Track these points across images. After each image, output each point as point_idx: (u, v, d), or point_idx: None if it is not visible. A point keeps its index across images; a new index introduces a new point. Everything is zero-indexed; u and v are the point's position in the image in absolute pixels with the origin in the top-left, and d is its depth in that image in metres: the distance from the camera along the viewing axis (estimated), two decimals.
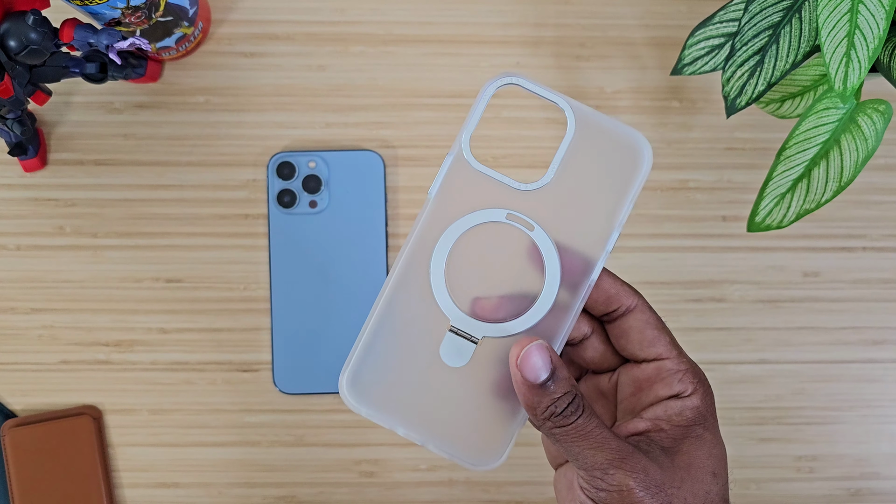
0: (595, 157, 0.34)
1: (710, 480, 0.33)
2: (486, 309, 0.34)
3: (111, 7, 0.47)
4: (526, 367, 0.32)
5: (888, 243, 0.59)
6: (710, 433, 0.34)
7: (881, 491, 0.59)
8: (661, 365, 0.35)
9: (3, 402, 0.58)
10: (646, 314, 0.35)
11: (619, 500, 0.31)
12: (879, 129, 0.43)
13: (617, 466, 0.31)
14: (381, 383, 0.34)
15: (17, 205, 0.58)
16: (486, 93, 0.34)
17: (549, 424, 0.32)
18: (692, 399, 0.34)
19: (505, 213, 0.33)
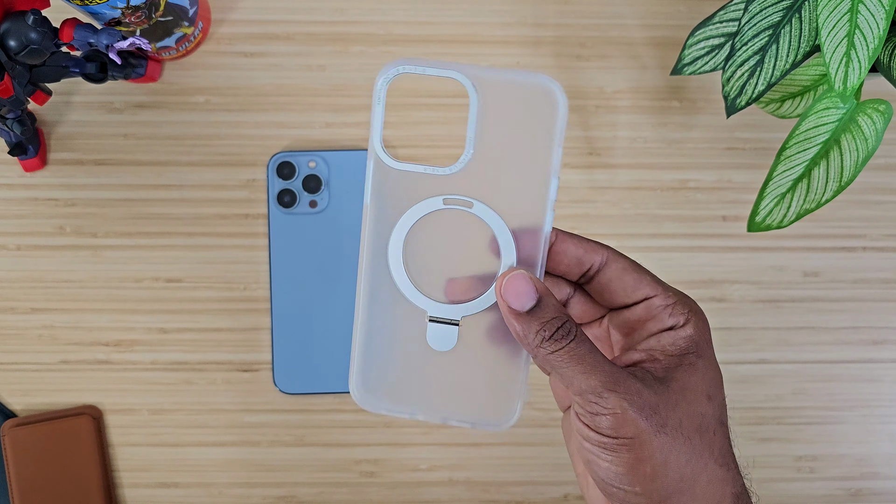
0: (509, 115, 0.34)
1: (704, 402, 0.33)
2: (457, 291, 0.34)
3: (111, 7, 0.47)
4: (510, 295, 0.33)
5: (888, 243, 0.59)
6: (703, 359, 0.34)
7: (881, 491, 0.59)
8: (650, 303, 0.35)
9: (3, 401, 0.58)
10: (620, 262, 0.35)
11: (613, 422, 0.31)
12: (879, 129, 0.43)
13: (610, 389, 0.31)
14: (387, 381, 0.35)
15: (18, 205, 0.58)
16: (379, 92, 0.33)
17: (542, 351, 0.32)
18: (685, 329, 0.34)
19: (441, 199, 0.34)
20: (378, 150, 0.34)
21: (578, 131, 0.59)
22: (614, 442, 0.32)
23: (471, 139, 0.34)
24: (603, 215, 0.58)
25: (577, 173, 0.58)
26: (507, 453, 0.59)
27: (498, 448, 0.59)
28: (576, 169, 0.58)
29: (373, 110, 0.34)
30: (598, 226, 0.58)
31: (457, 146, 0.59)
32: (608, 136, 0.59)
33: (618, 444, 0.32)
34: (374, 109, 0.34)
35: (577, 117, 0.59)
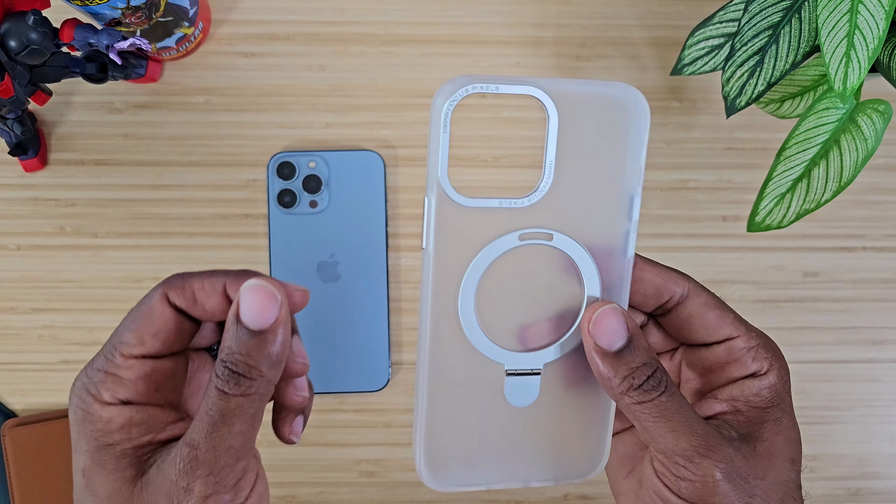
0: (588, 132, 0.30)
1: (788, 468, 0.31)
2: (535, 337, 0.31)
3: (111, 7, 0.47)
4: (599, 332, 0.29)
5: (888, 243, 0.59)
6: (787, 416, 0.32)
7: (881, 491, 0.59)
8: (732, 345, 0.32)
9: (4, 401, 0.58)
10: (702, 297, 0.32)
11: (701, 490, 0.29)
12: (879, 129, 0.43)
13: (703, 455, 0.29)
14: (461, 454, 0.31)
15: (18, 205, 0.58)
16: (444, 118, 0.28)
17: (627, 399, 0.29)
18: (769, 377, 0.32)
19: (517, 234, 0.30)
20: (445, 186, 0.29)
21: None
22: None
23: (550, 164, 0.30)
24: None
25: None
26: None
27: None
28: None
29: (432, 138, 0.28)
30: None
31: (457, 147, 0.59)
32: None
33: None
34: (437, 137, 0.28)
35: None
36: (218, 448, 0.27)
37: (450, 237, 0.29)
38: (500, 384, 0.31)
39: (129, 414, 0.28)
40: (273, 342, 0.28)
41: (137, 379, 0.28)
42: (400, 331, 0.58)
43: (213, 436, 0.27)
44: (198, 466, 0.27)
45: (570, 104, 0.29)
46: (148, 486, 0.27)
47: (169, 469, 0.27)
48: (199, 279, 0.29)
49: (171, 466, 0.27)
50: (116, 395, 0.28)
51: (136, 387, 0.28)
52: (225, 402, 0.27)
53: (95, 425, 0.28)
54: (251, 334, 0.27)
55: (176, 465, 0.27)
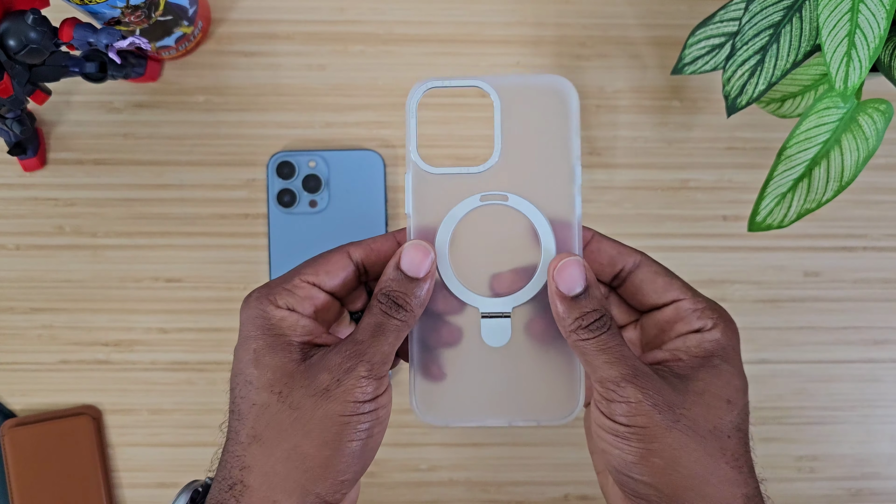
0: (527, 114, 0.37)
1: (723, 407, 0.34)
2: (506, 284, 0.36)
3: (111, 6, 0.47)
4: (562, 278, 0.34)
5: (888, 243, 0.59)
6: (728, 364, 0.35)
7: (882, 491, 0.59)
8: (679, 305, 0.36)
9: (3, 401, 0.58)
10: (652, 266, 0.36)
11: (627, 410, 0.32)
12: (880, 129, 0.43)
13: (629, 380, 0.33)
14: (449, 391, 0.36)
15: (17, 204, 0.58)
16: (410, 107, 0.38)
17: (575, 336, 0.34)
18: (713, 332, 0.35)
19: (478, 196, 0.36)
20: (416, 159, 0.37)
21: None
22: (626, 430, 0.33)
23: (498, 139, 0.37)
24: (603, 215, 0.58)
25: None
26: (507, 453, 0.59)
27: (498, 448, 0.59)
28: None
29: (407, 125, 0.38)
30: (599, 226, 0.58)
31: (457, 146, 0.59)
32: (608, 136, 0.59)
33: (629, 433, 0.32)
34: (409, 124, 0.38)
35: None
36: (375, 348, 0.34)
37: (424, 200, 0.37)
38: (478, 326, 0.36)
39: (295, 318, 0.35)
40: (422, 287, 0.35)
41: (305, 298, 0.35)
42: None
43: (374, 339, 0.34)
44: (360, 355, 0.33)
45: (510, 92, 0.37)
46: (311, 366, 0.34)
47: (333, 355, 0.34)
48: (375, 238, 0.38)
49: (335, 354, 0.34)
50: (288, 304, 0.35)
51: (304, 304, 0.35)
52: (386, 320, 0.34)
53: (269, 321, 0.35)
54: (409, 279, 0.35)
55: (341, 352, 0.34)
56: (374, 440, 0.35)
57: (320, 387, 0.33)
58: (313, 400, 0.33)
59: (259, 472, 0.33)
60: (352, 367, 0.33)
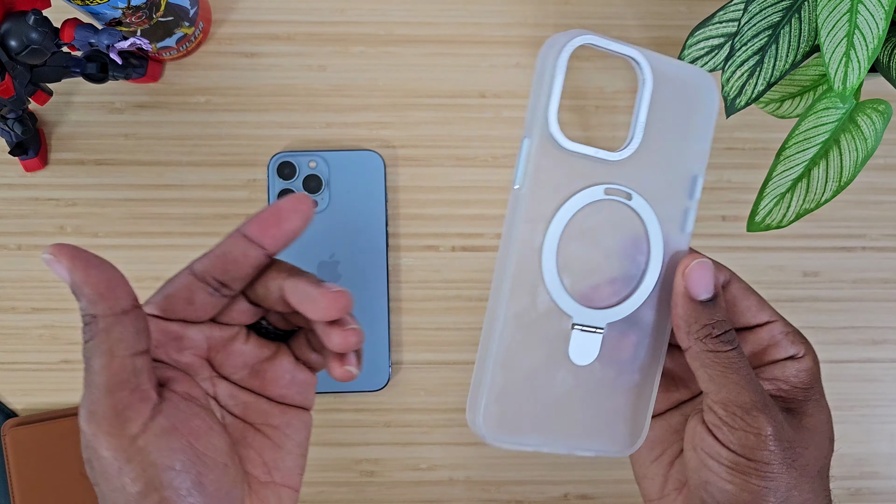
0: (672, 107, 0.32)
1: (827, 447, 0.33)
2: (601, 295, 0.32)
3: (112, 7, 0.47)
4: (692, 279, 0.31)
5: (888, 243, 0.59)
6: (823, 398, 0.34)
7: (881, 490, 0.59)
8: (773, 328, 0.34)
9: (4, 401, 0.58)
10: (741, 283, 0.35)
11: (753, 443, 0.30)
12: (879, 129, 0.43)
13: (760, 410, 0.30)
14: (516, 408, 0.31)
15: (18, 204, 0.58)
16: (560, 60, 0.29)
17: (701, 345, 0.31)
18: (805, 360, 0.34)
19: (603, 188, 0.31)
20: (553, 127, 0.29)
21: (578, 131, 0.59)
22: (747, 464, 0.30)
23: (641, 125, 0.31)
24: None
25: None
26: (507, 452, 0.59)
27: None
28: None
29: (544, 83, 0.30)
30: None
31: (458, 147, 0.59)
32: (608, 137, 0.59)
33: (750, 467, 0.30)
34: (550, 81, 0.29)
35: (576, 117, 0.59)
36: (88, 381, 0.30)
37: (544, 179, 0.30)
38: (566, 338, 0.31)
39: None
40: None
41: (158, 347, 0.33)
42: (400, 331, 0.58)
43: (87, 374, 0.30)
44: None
45: (663, 77, 0.31)
46: None
47: None
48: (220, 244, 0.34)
49: None
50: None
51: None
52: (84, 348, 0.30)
53: None
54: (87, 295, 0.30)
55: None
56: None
57: None
58: None
59: None
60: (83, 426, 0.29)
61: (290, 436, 0.34)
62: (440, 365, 0.58)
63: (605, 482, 0.59)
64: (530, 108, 0.30)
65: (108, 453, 0.29)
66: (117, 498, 0.29)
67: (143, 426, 0.29)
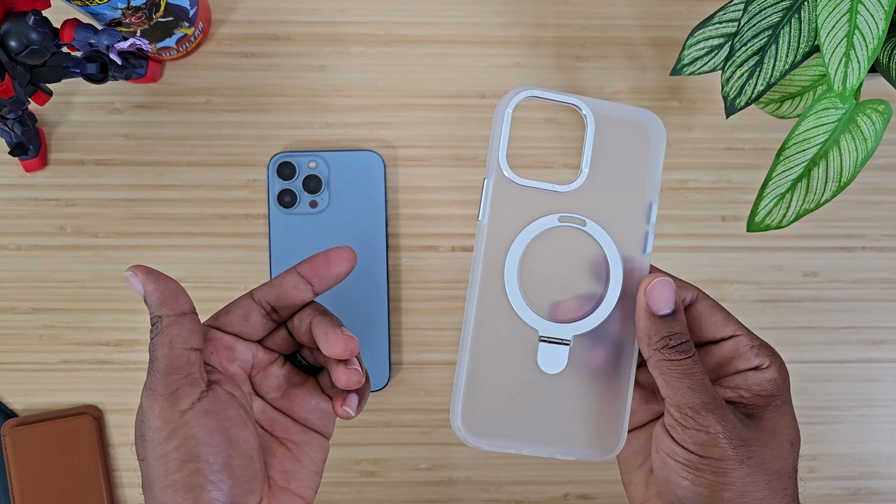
0: (617, 145, 0.36)
1: (787, 447, 0.35)
2: (566, 311, 0.36)
3: (112, 7, 0.47)
4: (653, 297, 0.34)
5: (887, 243, 0.59)
6: (787, 406, 0.36)
7: (881, 490, 0.59)
8: (738, 341, 0.36)
9: (4, 401, 0.58)
10: (708, 300, 0.37)
11: (704, 440, 0.33)
12: (879, 130, 0.43)
13: (710, 410, 0.33)
14: (493, 413, 0.35)
15: (18, 205, 0.58)
16: (507, 112, 0.35)
17: (658, 355, 0.34)
18: (770, 371, 0.36)
19: (557, 216, 0.35)
20: (504, 167, 0.35)
21: (578, 131, 0.59)
22: (700, 460, 0.33)
23: (587, 160, 0.36)
24: None
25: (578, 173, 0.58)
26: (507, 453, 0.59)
27: None
28: (576, 169, 0.58)
29: (496, 130, 0.35)
30: None
31: (457, 147, 0.59)
32: None
33: (703, 463, 0.33)
34: (500, 128, 0.35)
35: (577, 117, 0.59)
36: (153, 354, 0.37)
37: (502, 212, 0.35)
38: (534, 349, 0.35)
39: None
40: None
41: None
42: (400, 331, 0.58)
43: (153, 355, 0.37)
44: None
45: (604, 118, 0.36)
46: None
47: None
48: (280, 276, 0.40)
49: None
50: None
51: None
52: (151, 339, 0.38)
53: None
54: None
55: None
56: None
57: None
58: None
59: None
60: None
61: (308, 454, 0.39)
62: (440, 365, 0.58)
63: (605, 482, 0.59)
64: (489, 153, 0.35)
65: (158, 423, 0.34)
66: (158, 466, 0.34)
67: (191, 404, 0.35)
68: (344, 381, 0.37)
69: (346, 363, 0.37)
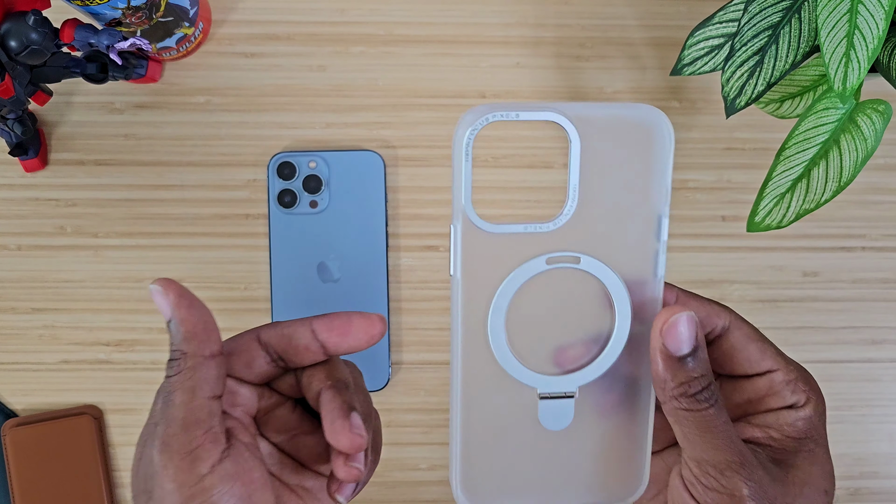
0: (612, 155, 0.30)
1: (822, 500, 0.31)
2: (568, 360, 0.31)
3: (112, 7, 0.47)
4: (670, 336, 0.30)
5: (887, 243, 0.59)
6: (822, 449, 0.32)
7: (880, 490, 0.59)
8: (773, 378, 0.33)
9: (4, 401, 0.58)
10: (743, 329, 0.33)
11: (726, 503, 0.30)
12: (879, 129, 0.43)
13: (735, 470, 0.29)
14: (497, 475, 0.31)
15: (18, 205, 0.58)
16: (465, 146, 0.28)
17: (676, 403, 0.30)
18: (805, 409, 0.32)
19: (544, 259, 0.30)
20: (470, 214, 0.28)
21: None
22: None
23: (574, 187, 0.29)
24: None
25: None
26: None
27: None
28: None
29: (455, 167, 0.28)
30: None
31: None
32: None
33: None
34: (460, 166, 0.28)
35: None
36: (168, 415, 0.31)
37: (477, 263, 0.29)
38: (534, 408, 0.30)
39: None
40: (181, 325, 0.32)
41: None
42: (400, 331, 0.58)
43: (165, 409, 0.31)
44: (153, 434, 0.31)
45: (592, 127, 0.29)
46: None
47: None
48: (289, 323, 0.34)
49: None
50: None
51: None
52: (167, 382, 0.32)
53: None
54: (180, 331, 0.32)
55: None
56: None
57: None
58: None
59: None
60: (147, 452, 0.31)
61: (322, 500, 0.35)
62: (440, 365, 0.58)
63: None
64: (453, 193, 0.29)
65: (172, 486, 0.30)
66: None
67: (212, 467, 0.30)
68: (342, 475, 0.32)
69: (349, 458, 0.32)
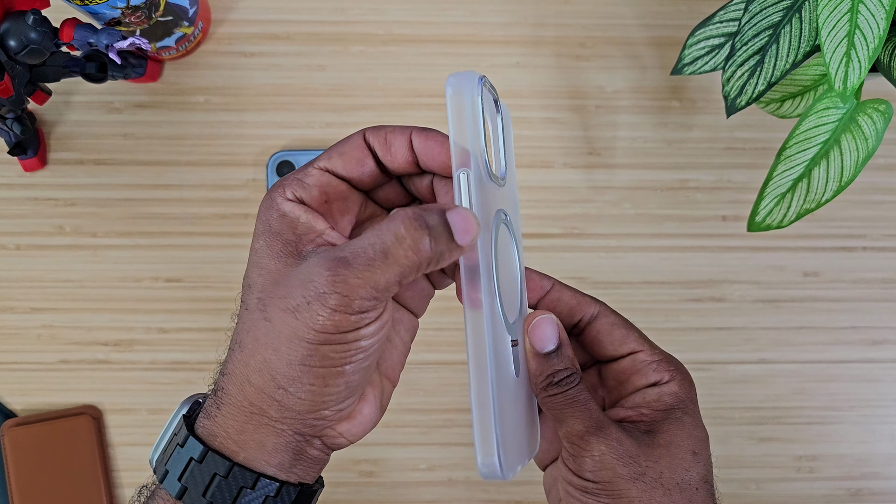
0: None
1: (690, 459, 0.34)
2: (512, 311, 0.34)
3: (111, 7, 0.47)
4: (535, 335, 0.34)
5: (888, 243, 0.59)
6: (690, 417, 0.35)
7: (881, 491, 0.59)
8: (635, 357, 0.36)
9: (3, 401, 0.58)
10: (610, 317, 0.36)
11: (592, 465, 0.33)
12: (880, 129, 0.43)
13: (593, 433, 0.33)
14: (508, 442, 0.33)
15: (17, 204, 0.58)
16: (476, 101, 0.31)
17: (544, 393, 0.34)
18: (670, 385, 0.35)
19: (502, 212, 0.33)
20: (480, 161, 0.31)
21: (578, 131, 0.59)
22: (594, 486, 0.33)
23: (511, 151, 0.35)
24: (603, 215, 0.58)
25: (577, 173, 0.58)
26: None
27: None
28: (576, 169, 0.58)
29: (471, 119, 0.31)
30: (599, 226, 0.58)
31: None
32: (608, 136, 0.59)
33: (597, 488, 0.33)
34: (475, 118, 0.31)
35: (577, 117, 0.59)
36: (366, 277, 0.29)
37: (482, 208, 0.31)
38: (509, 356, 0.33)
39: (298, 212, 0.32)
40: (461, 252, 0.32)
41: (314, 185, 0.32)
42: None
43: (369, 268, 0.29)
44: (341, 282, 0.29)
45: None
46: (292, 276, 0.31)
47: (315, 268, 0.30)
48: (392, 128, 0.33)
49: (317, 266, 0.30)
50: (295, 193, 0.32)
51: (311, 192, 0.32)
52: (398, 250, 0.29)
53: (272, 216, 0.32)
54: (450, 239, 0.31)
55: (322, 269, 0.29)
56: (355, 368, 0.31)
57: (290, 304, 0.30)
58: (283, 315, 0.30)
59: (236, 380, 0.32)
60: (326, 293, 0.29)
61: (399, 333, 0.36)
62: (440, 365, 0.58)
63: None
64: (469, 142, 0.31)
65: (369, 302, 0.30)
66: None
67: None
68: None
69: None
